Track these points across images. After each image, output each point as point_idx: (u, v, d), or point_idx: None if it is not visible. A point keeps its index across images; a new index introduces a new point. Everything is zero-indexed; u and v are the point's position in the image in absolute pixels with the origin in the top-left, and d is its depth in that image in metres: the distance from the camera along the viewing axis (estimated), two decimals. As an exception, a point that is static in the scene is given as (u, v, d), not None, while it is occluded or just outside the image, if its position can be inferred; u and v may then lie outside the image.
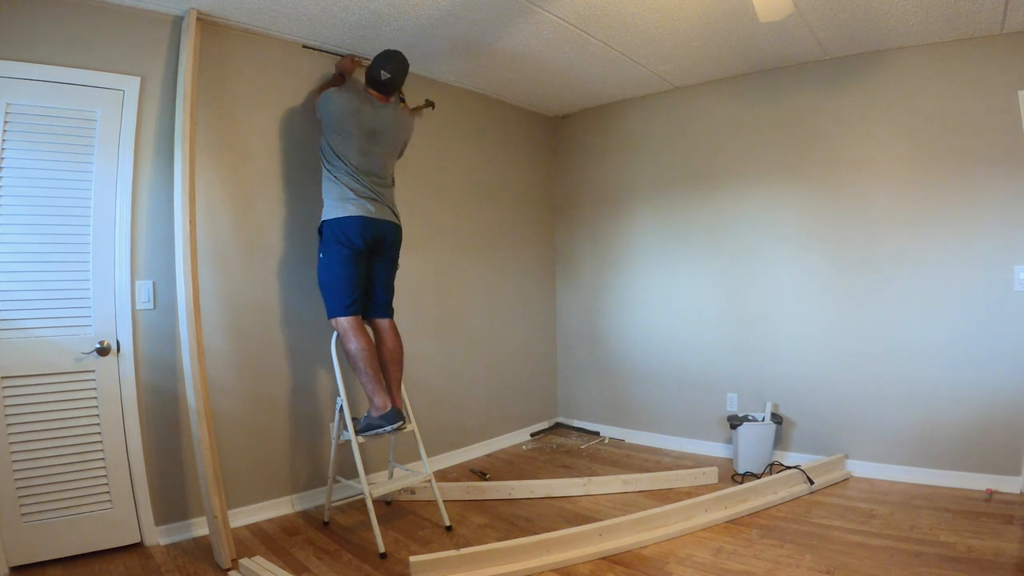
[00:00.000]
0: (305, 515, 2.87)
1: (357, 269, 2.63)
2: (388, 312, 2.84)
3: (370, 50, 3.12)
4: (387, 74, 2.75)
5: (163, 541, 2.51)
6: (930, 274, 3.03)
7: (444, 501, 2.80)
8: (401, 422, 2.64)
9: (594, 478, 3.13)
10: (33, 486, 2.27)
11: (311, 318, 3.03)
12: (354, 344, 2.59)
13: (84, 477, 2.37)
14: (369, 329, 2.75)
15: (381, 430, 2.60)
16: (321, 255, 2.68)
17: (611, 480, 3.12)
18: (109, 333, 2.43)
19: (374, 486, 2.59)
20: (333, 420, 2.79)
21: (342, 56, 3.08)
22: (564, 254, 4.57)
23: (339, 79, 3.02)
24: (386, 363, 2.75)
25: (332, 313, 2.64)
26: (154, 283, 2.54)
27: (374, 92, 2.81)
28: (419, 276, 3.55)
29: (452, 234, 3.77)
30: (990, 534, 2.40)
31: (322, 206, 2.69)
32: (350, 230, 2.59)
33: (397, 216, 2.81)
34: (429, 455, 3.52)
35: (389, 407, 2.61)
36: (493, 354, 4.01)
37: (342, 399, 2.60)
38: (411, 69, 3.40)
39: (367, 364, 2.58)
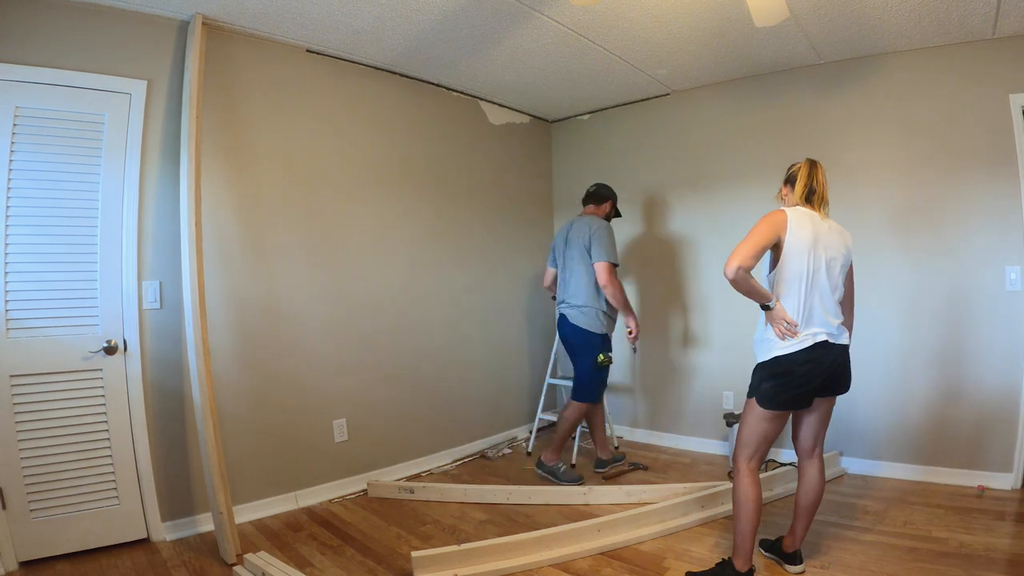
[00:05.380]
0: (309, 511, 2.91)
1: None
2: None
3: (371, 54, 3.17)
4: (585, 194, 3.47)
5: (169, 537, 2.55)
6: (923, 274, 3.08)
7: (440, 502, 2.95)
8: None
9: (594, 488, 3.03)
10: (42, 482, 2.31)
11: (315, 318, 3.07)
12: None
13: (92, 474, 2.40)
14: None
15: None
16: None
17: (613, 491, 3.01)
18: (116, 332, 2.47)
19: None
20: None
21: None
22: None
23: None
24: None
25: None
26: (160, 283, 2.58)
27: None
28: (424, 279, 3.60)
29: (451, 237, 3.82)
30: (982, 530, 2.44)
31: None
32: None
33: (572, 307, 3.24)
34: (428, 453, 3.60)
35: None
36: (493, 353, 4.05)
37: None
38: (412, 73, 3.48)
39: None
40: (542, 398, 3.93)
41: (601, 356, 3.18)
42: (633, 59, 3.31)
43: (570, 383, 3.46)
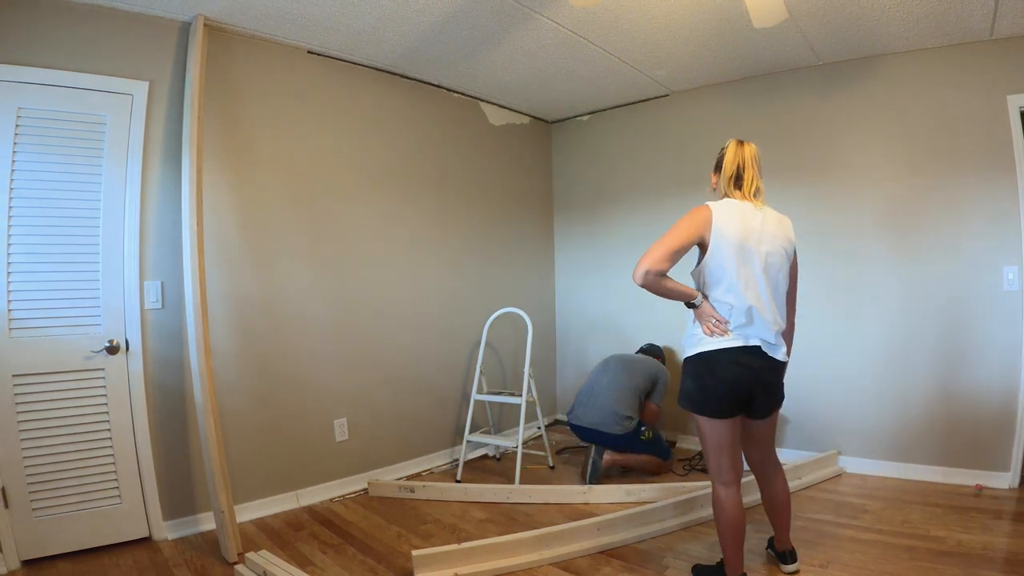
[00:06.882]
0: (310, 510, 2.92)
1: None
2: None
3: (372, 55, 3.18)
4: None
5: (171, 536, 2.56)
6: (921, 274, 3.09)
7: (440, 501, 2.97)
8: None
9: (594, 487, 3.03)
10: (44, 482, 2.32)
11: (316, 317, 3.08)
12: None
13: (94, 473, 2.42)
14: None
15: None
16: None
17: (612, 489, 3.01)
18: (118, 332, 2.48)
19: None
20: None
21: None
22: (563, 256, 4.63)
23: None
24: None
25: None
26: (162, 283, 2.59)
27: None
28: (424, 279, 3.61)
29: (452, 237, 3.83)
30: (980, 529, 2.45)
31: None
32: None
33: (615, 421, 3.24)
34: (425, 453, 3.61)
35: None
36: (493, 352, 4.06)
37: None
38: (413, 74, 3.49)
39: None
40: (469, 416, 3.54)
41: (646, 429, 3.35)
42: (633, 60, 3.32)
43: (501, 399, 3.61)
